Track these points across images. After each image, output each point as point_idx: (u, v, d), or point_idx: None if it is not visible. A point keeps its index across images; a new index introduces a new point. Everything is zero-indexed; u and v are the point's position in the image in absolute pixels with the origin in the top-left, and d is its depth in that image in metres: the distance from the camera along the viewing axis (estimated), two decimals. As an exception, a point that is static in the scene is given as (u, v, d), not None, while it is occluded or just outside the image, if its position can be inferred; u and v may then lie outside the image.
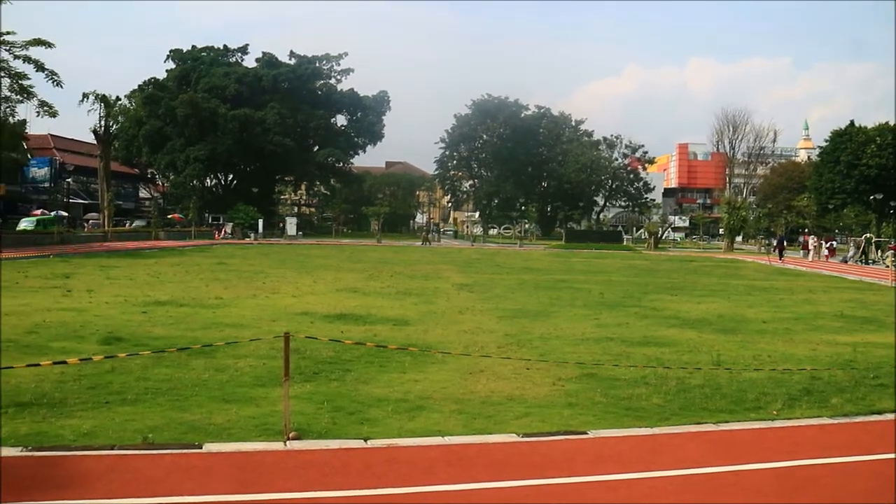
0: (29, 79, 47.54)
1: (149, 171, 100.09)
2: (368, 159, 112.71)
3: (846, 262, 56.00)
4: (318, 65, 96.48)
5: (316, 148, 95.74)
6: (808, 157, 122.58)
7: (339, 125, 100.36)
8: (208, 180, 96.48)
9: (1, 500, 6.47)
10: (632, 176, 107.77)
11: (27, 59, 46.48)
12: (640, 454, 8.26)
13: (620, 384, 11.45)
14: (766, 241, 66.99)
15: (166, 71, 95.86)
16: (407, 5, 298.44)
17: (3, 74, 47.00)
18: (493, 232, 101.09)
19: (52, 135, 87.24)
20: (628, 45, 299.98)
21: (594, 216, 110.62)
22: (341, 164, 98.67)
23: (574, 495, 7.08)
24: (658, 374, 12.06)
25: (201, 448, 7.98)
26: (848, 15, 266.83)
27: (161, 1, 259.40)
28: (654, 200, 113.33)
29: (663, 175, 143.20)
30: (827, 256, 58.66)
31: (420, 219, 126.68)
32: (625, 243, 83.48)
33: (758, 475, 7.68)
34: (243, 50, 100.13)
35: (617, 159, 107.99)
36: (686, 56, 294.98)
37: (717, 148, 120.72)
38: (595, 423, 9.41)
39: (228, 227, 79.23)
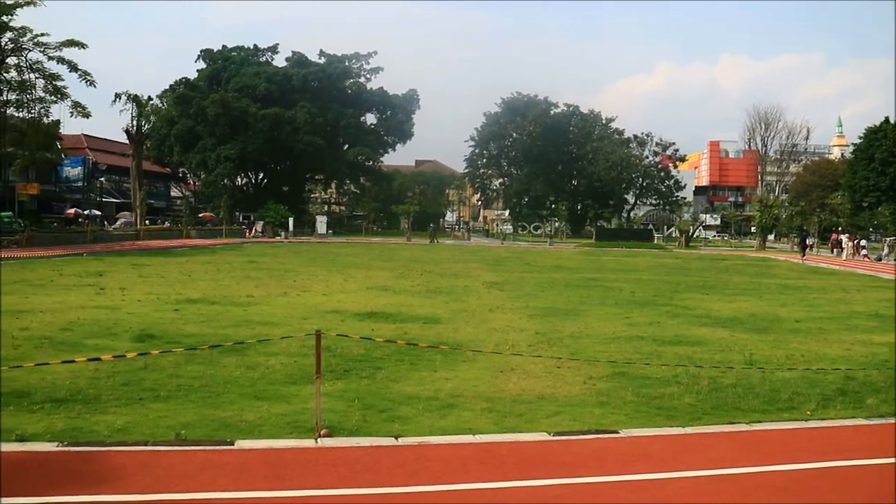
0: (63, 79, 48.11)
1: (180, 170, 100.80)
2: (398, 158, 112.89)
3: (880, 260, 55.36)
4: (347, 64, 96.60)
5: (346, 147, 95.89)
6: (842, 154, 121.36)
7: (368, 124, 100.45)
8: (239, 179, 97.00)
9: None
10: (662, 174, 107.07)
11: (61, 60, 47.01)
12: (672, 454, 8.22)
13: (652, 383, 11.39)
14: (797, 240, 66.42)
15: (197, 71, 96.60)
16: (436, 5, 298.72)
17: (37, 75, 47.56)
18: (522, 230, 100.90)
19: (85, 135, 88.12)
20: (659, 42, 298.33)
21: (624, 214, 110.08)
22: (371, 163, 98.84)
23: (605, 495, 7.05)
24: (690, 373, 11.99)
25: (233, 445, 8.04)
26: (881, 10, 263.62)
27: (192, 1, 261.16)
28: (684, 198, 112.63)
29: (694, 173, 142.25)
30: (865, 256, 57.81)
31: (450, 217, 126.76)
32: (655, 242, 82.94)
33: (791, 476, 7.61)
34: (273, 49, 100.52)
35: (647, 157, 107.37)
36: (717, 52, 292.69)
37: (749, 145, 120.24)
38: (626, 422, 9.38)
39: (259, 226, 79.58)
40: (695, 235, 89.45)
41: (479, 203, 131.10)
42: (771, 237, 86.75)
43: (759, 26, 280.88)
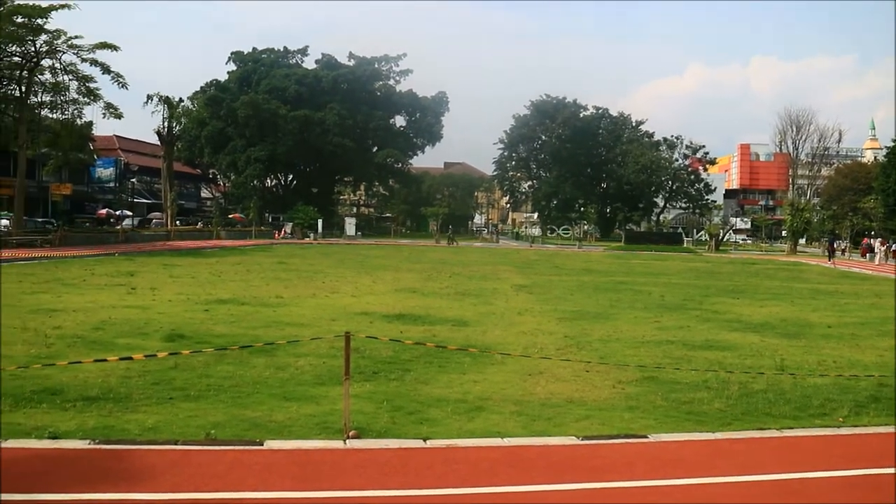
0: (95, 81, 48.69)
1: (210, 171, 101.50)
2: (427, 160, 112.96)
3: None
4: (376, 66, 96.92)
5: (375, 149, 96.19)
6: (875, 157, 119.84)
7: (397, 126, 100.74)
8: (269, 180, 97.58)
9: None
10: (692, 177, 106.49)
11: (94, 63, 47.51)
12: (702, 459, 8.16)
13: (681, 388, 11.32)
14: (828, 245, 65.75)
15: (228, 73, 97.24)
16: (465, 6, 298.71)
17: (71, 77, 48.14)
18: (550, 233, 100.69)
19: (117, 136, 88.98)
20: (691, 44, 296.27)
21: (654, 217, 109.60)
22: (400, 165, 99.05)
23: (634, 499, 7.02)
24: (720, 378, 11.90)
25: (262, 445, 8.08)
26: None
27: (222, 2, 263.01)
28: (714, 202, 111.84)
29: (724, 176, 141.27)
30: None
31: (479, 219, 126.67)
32: (685, 245, 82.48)
33: (823, 483, 7.53)
34: (303, 52, 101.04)
35: (677, 160, 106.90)
36: (749, 54, 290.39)
37: (780, 148, 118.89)
38: (655, 426, 9.32)
39: (288, 227, 79.97)
40: (725, 239, 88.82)
41: (508, 205, 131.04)
42: (802, 241, 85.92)
43: (792, 28, 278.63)
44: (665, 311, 21.60)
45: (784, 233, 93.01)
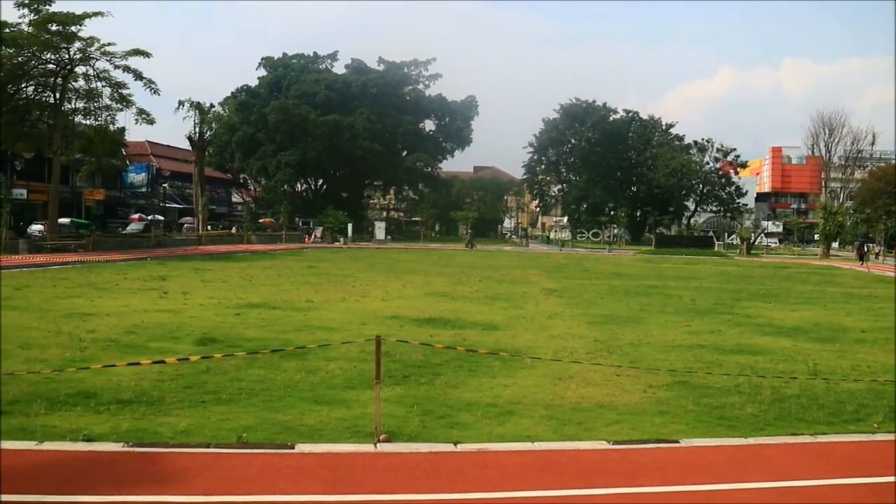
0: (128, 88, 49.18)
1: (241, 176, 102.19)
2: (456, 164, 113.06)
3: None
4: (406, 70, 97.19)
5: (404, 153, 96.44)
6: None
7: (427, 130, 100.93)
8: (299, 185, 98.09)
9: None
10: (723, 180, 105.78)
11: (126, 69, 48.01)
12: (734, 465, 8.10)
13: (713, 392, 11.25)
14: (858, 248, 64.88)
15: (258, 78, 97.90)
16: (495, 9, 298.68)
17: (104, 84, 48.69)
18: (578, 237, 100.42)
19: (149, 141, 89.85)
20: (721, 47, 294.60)
21: (685, 221, 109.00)
22: (429, 169, 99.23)
23: (666, 504, 6.99)
24: (752, 382, 11.80)
25: (293, 448, 8.12)
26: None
27: (254, 2, 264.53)
28: (746, 205, 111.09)
29: (756, 179, 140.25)
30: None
31: (508, 223, 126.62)
32: (716, 249, 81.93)
33: (857, 489, 7.46)
34: (333, 57, 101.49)
35: (708, 163, 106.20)
36: (780, 56, 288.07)
37: (813, 151, 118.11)
38: (687, 431, 9.27)
39: (318, 231, 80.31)
40: (756, 243, 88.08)
41: (538, 209, 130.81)
42: (835, 245, 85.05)
43: (824, 29, 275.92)
44: (696, 315, 21.47)
45: (816, 236, 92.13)
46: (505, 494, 7.01)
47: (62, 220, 62.15)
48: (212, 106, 75.37)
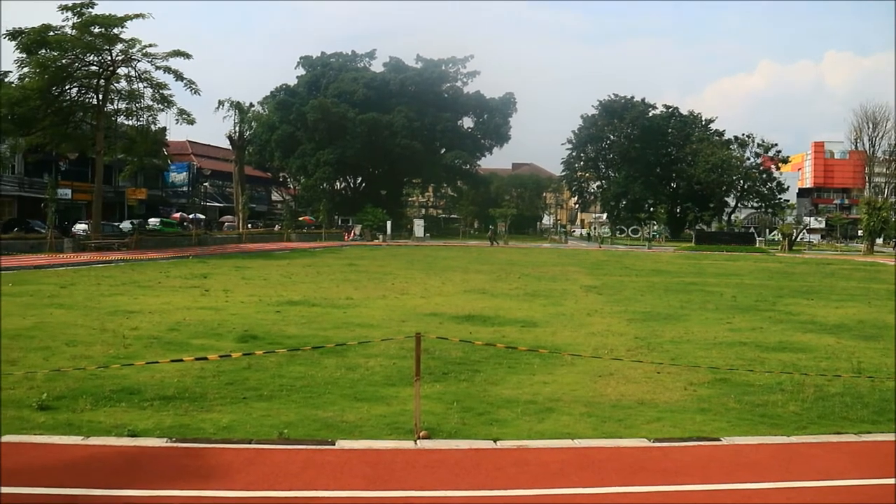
0: (169, 88, 49.68)
1: (281, 174, 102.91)
2: (495, 161, 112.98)
3: None
4: (444, 68, 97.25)
5: (443, 150, 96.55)
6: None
7: (465, 127, 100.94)
8: (338, 183, 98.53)
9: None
10: (764, 176, 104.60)
11: (167, 70, 48.51)
12: (776, 463, 8.02)
13: (755, 390, 11.15)
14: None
15: (297, 77, 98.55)
16: (533, 7, 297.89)
17: (145, 85, 49.23)
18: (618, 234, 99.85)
19: (190, 141, 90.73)
20: (761, 41, 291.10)
21: (725, 217, 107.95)
22: (468, 166, 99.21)
23: (708, 503, 6.94)
24: (794, 380, 11.68)
25: (334, 445, 8.17)
26: None
27: (292, 2, 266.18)
28: (787, 201, 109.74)
29: (798, 175, 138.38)
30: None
31: (547, 220, 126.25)
32: (757, 245, 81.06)
33: (903, 488, 7.35)
34: (371, 55, 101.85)
35: (749, 159, 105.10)
36: (822, 50, 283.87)
37: (856, 146, 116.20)
38: (728, 429, 9.20)
39: (357, 229, 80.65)
40: (798, 239, 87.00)
41: (577, 206, 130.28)
42: (879, 241, 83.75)
43: (866, 21, 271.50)
44: (737, 312, 21.27)
45: (860, 232, 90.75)
46: (545, 492, 7.01)
47: (152, 221, 63.73)
48: (251, 105, 75.95)
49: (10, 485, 6.80)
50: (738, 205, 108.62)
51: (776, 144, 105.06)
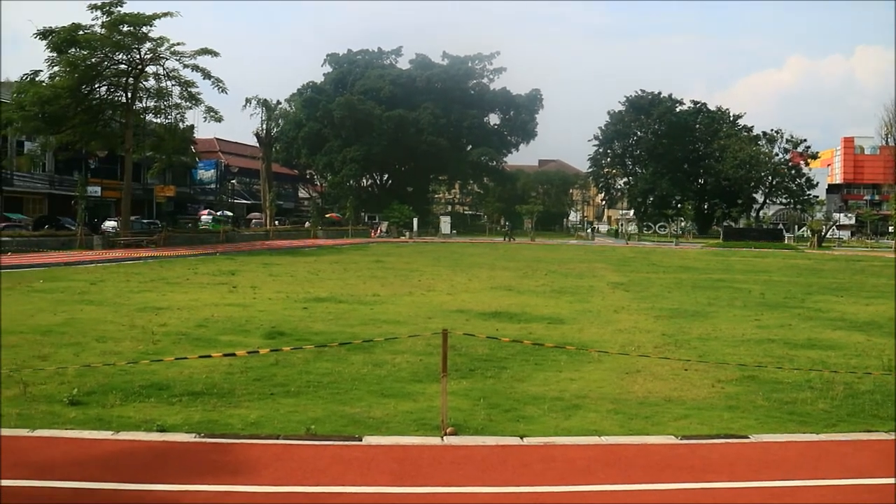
0: (197, 86, 49.97)
1: (308, 171, 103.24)
2: (521, 158, 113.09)
3: None
4: (470, 65, 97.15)
5: (469, 147, 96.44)
6: None
7: (492, 124, 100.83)
8: (364, 180, 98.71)
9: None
10: (793, 172, 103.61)
11: (195, 68, 48.80)
12: (805, 461, 7.97)
13: (783, 388, 11.08)
14: None
15: (323, 75, 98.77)
16: (558, 4, 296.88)
17: (173, 83, 49.58)
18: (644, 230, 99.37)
19: (217, 138, 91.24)
20: (791, 36, 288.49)
21: (753, 214, 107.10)
22: (494, 163, 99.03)
23: (735, 500, 6.91)
24: (824, 378, 11.58)
25: (361, 441, 8.21)
26: None
27: (318, 1, 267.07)
28: (817, 197, 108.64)
29: (827, 170, 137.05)
30: None
31: (574, 217, 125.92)
32: (786, 242, 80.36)
33: (934, 486, 7.28)
34: (397, 52, 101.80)
35: (777, 154, 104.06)
36: (852, 44, 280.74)
37: (887, 141, 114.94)
38: (757, 427, 9.15)
39: (384, 226, 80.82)
40: (828, 235, 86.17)
41: (604, 203, 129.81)
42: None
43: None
44: (765, 309, 21.13)
45: (891, 228, 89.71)
46: (572, 488, 7.01)
47: (205, 218, 64.67)
48: (278, 103, 76.34)
49: (43, 478, 6.89)
50: (767, 201, 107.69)
51: (805, 140, 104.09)
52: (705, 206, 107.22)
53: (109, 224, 56.37)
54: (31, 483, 6.79)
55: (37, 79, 46.07)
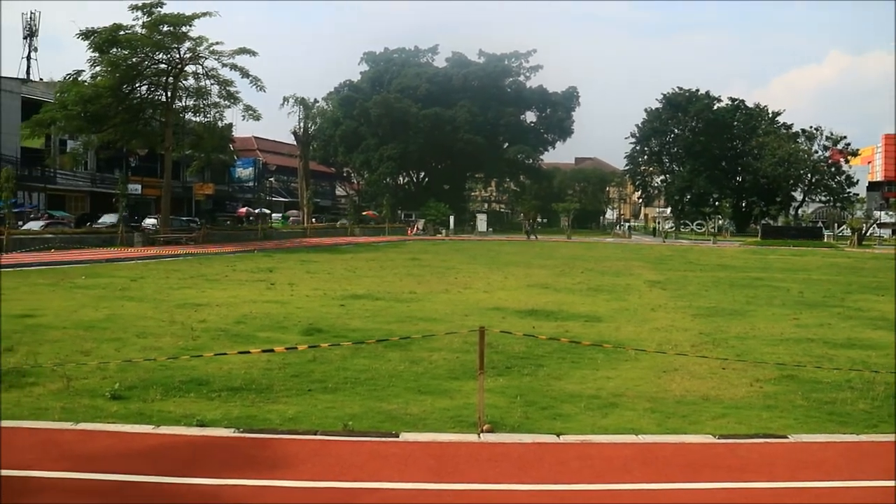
0: (235, 85, 50.38)
1: (345, 169, 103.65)
2: (558, 155, 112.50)
3: None
4: (506, 62, 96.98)
5: (506, 145, 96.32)
6: None
7: (528, 122, 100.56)
8: (401, 178, 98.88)
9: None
10: (833, 169, 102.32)
11: (233, 67, 49.19)
12: (845, 462, 7.90)
13: (823, 387, 10.98)
14: None
15: (360, 73, 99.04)
16: (596, 3, 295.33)
17: (212, 82, 50.04)
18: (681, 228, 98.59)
19: (255, 137, 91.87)
20: (831, 31, 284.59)
21: (792, 212, 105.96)
22: (531, 161, 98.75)
23: (774, 501, 6.87)
24: (864, 378, 11.45)
25: (398, 437, 8.26)
26: None
27: (356, 1, 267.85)
28: (857, 195, 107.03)
29: (867, 168, 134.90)
30: None
31: (610, 215, 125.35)
32: (825, 240, 79.40)
33: (977, 488, 7.19)
34: (433, 50, 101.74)
35: (817, 152, 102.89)
36: (893, 39, 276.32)
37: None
38: (796, 426, 9.08)
39: (420, 224, 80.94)
40: (868, 234, 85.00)
41: (641, 200, 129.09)
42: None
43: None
44: (804, 307, 20.92)
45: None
46: (609, 486, 7.01)
47: (275, 216, 65.86)
48: (316, 101, 76.67)
49: (87, 471, 7.01)
50: (806, 199, 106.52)
51: (845, 137, 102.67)
52: (743, 204, 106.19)
53: (150, 221, 57.02)
54: (75, 475, 6.92)
55: (79, 79, 46.72)
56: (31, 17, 74.54)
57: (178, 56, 48.07)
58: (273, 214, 72.58)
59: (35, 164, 59.13)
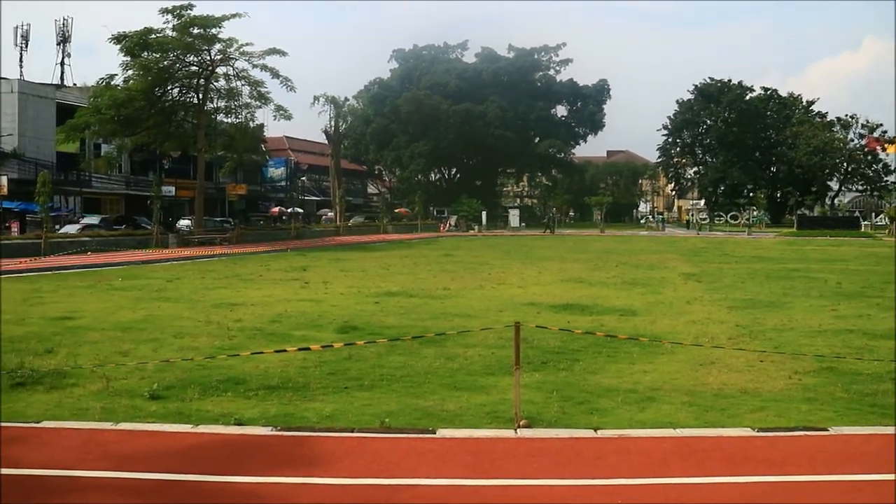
0: (266, 86, 50.67)
1: (376, 167, 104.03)
2: (590, 149, 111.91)
3: None
4: (536, 57, 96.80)
5: (537, 139, 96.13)
6: None
7: (559, 116, 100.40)
8: (432, 174, 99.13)
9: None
10: (869, 158, 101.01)
11: (264, 68, 49.47)
12: (888, 455, 7.77)
13: (863, 379, 10.84)
14: None
15: (390, 71, 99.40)
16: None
17: (243, 83, 50.36)
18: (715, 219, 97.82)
19: (286, 136, 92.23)
20: (866, 16, 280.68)
21: (828, 202, 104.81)
22: (562, 155, 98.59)
23: (815, 494, 6.77)
24: (906, 368, 11.30)
25: (435, 433, 8.25)
26: None
27: (381, 2, 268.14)
28: (894, 183, 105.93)
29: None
30: None
31: (644, 207, 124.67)
32: (863, 230, 78.44)
33: None
34: (463, 46, 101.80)
35: (853, 140, 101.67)
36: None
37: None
38: (836, 419, 8.96)
39: (453, 220, 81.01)
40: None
41: (674, 193, 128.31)
42: None
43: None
44: (843, 298, 20.65)
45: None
46: (647, 481, 6.95)
47: (329, 215, 66.74)
48: (346, 100, 76.88)
49: (127, 470, 7.08)
50: (842, 188, 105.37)
51: (881, 124, 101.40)
52: (778, 195, 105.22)
53: (184, 223, 57.48)
54: (116, 474, 6.98)
55: (112, 83, 47.28)
56: (63, 23, 75.50)
57: (208, 58, 48.46)
58: (328, 213, 72.95)
59: (70, 169, 59.79)
